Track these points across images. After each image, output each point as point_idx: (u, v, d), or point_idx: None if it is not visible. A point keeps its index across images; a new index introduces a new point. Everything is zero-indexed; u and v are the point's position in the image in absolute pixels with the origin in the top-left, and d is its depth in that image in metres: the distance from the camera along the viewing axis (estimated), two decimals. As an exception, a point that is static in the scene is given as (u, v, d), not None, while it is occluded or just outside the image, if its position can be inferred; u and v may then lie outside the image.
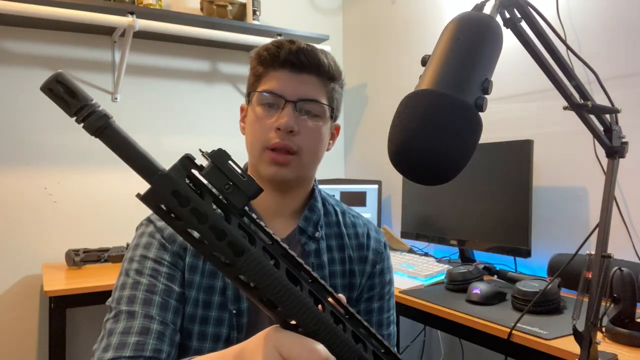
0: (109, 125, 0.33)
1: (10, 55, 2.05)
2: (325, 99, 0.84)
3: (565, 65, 0.67)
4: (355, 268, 0.90)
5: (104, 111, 0.33)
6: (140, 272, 0.78)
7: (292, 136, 0.80)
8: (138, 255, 0.80)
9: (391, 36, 2.51)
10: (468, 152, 0.49)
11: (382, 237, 0.97)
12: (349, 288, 0.90)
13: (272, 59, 0.81)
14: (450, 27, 0.54)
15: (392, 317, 0.96)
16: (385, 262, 0.95)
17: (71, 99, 0.32)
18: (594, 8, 1.61)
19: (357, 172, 2.78)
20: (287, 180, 0.82)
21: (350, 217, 0.95)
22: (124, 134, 0.34)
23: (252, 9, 2.34)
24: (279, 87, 0.81)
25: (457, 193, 1.86)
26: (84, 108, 0.32)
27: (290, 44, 0.81)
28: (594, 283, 0.70)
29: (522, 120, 1.84)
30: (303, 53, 0.80)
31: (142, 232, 0.83)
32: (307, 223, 0.88)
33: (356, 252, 0.91)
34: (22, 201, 2.06)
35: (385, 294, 0.94)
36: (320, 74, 0.83)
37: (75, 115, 0.33)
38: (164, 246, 0.80)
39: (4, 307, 2.02)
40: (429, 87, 0.50)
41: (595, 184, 1.60)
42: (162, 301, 0.75)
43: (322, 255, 0.87)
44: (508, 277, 1.59)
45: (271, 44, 0.83)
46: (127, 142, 0.33)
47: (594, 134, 0.73)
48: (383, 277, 0.94)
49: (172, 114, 2.38)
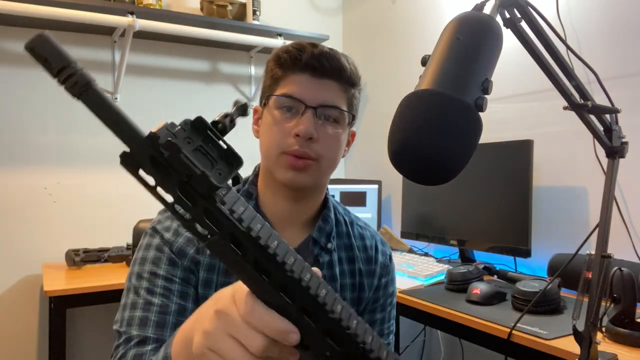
0: (91, 87, 0.32)
1: (10, 55, 2.05)
2: (345, 105, 0.81)
3: (565, 65, 0.67)
4: (364, 282, 0.89)
5: (86, 73, 0.32)
6: (152, 292, 0.74)
7: (311, 143, 0.77)
8: (147, 272, 0.76)
9: (391, 36, 2.51)
10: (468, 152, 0.49)
11: (388, 249, 0.96)
12: (358, 302, 0.89)
13: (293, 62, 0.78)
14: (450, 27, 0.54)
15: (392, 327, 0.96)
16: (391, 274, 0.95)
17: (54, 59, 0.31)
18: (594, 8, 1.61)
19: (357, 172, 2.78)
20: (304, 187, 0.80)
21: (358, 229, 0.93)
22: (106, 98, 0.33)
23: (252, 9, 2.34)
24: (299, 92, 0.78)
25: (457, 193, 1.86)
26: (66, 68, 0.31)
27: (313, 47, 0.78)
28: (594, 283, 0.70)
29: (522, 120, 1.84)
30: (325, 57, 0.78)
31: (148, 244, 0.79)
32: (321, 234, 0.85)
33: (365, 265, 0.90)
34: (22, 201, 2.06)
35: (388, 305, 0.94)
36: (342, 79, 0.80)
37: (57, 76, 0.32)
38: (174, 262, 0.76)
39: (4, 307, 2.02)
40: (429, 87, 0.50)
41: (595, 184, 1.60)
42: (176, 322, 0.72)
43: (334, 268, 0.85)
44: (508, 277, 1.59)
45: (292, 46, 0.80)
46: (108, 105, 0.33)
47: (594, 134, 0.73)
48: (387, 290, 0.93)
49: (172, 114, 2.38)
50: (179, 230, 0.78)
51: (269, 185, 0.83)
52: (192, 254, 0.78)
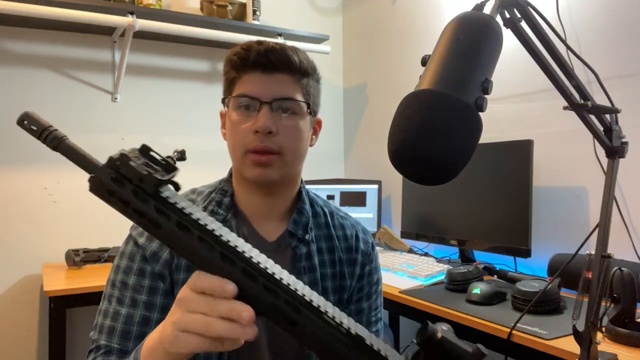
0: (63, 141, 0.47)
1: (10, 55, 2.05)
2: (300, 95, 0.83)
3: (565, 65, 0.67)
4: (345, 270, 0.91)
5: (59, 133, 0.47)
6: (121, 302, 0.79)
7: (272, 137, 0.80)
8: (119, 281, 0.80)
9: (391, 36, 2.51)
10: (468, 152, 0.49)
11: (370, 237, 0.98)
12: (340, 290, 0.90)
13: (242, 62, 0.81)
14: (450, 27, 0.54)
15: (380, 314, 0.97)
16: (374, 262, 0.96)
17: (35, 128, 0.46)
18: (594, 8, 1.61)
19: (357, 172, 2.78)
20: (272, 181, 0.82)
21: (338, 219, 0.95)
22: (75, 147, 0.47)
23: (252, 9, 2.34)
24: (252, 90, 0.81)
25: (457, 193, 1.86)
26: (44, 131, 0.46)
27: (258, 45, 0.81)
28: (594, 283, 0.70)
29: (522, 120, 1.84)
30: (272, 53, 0.80)
31: (122, 251, 0.83)
32: (297, 226, 0.87)
33: (345, 254, 0.92)
34: (22, 201, 2.06)
35: (373, 293, 0.95)
36: (292, 71, 0.82)
37: (39, 137, 0.46)
38: (143, 271, 0.80)
39: (4, 307, 2.02)
40: (429, 87, 0.50)
41: (595, 184, 1.60)
42: (140, 333, 0.76)
43: (313, 258, 0.87)
44: (508, 277, 1.59)
45: (240, 47, 0.83)
46: (76, 151, 0.47)
47: (594, 134, 0.73)
48: (371, 278, 0.95)
49: (172, 114, 2.38)
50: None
51: (241, 183, 0.86)
52: (166, 257, 0.80)
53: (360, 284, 0.93)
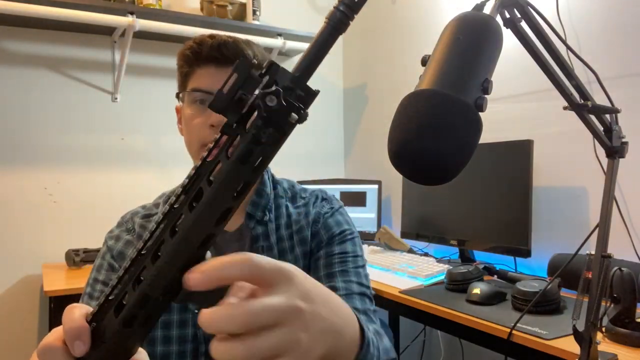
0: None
1: (10, 55, 2.05)
2: None
3: (565, 65, 0.67)
4: (307, 234, 0.87)
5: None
6: (92, 296, 0.81)
7: None
8: (92, 279, 0.83)
9: (391, 36, 2.51)
10: (468, 152, 0.49)
11: (333, 201, 0.92)
12: (303, 256, 0.86)
13: (195, 56, 0.81)
14: (450, 27, 0.54)
15: (363, 288, 0.84)
16: (334, 217, 0.89)
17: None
18: (594, 8, 1.61)
19: (357, 172, 2.78)
20: None
21: (300, 193, 0.92)
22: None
23: (252, 9, 2.34)
24: (206, 84, 0.81)
25: (457, 193, 1.86)
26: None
27: (211, 38, 0.81)
28: (594, 283, 0.70)
29: (522, 120, 1.84)
30: (225, 46, 0.80)
31: (98, 254, 0.87)
32: (255, 208, 0.86)
33: (304, 219, 0.88)
34: (22, 201, 2.06)
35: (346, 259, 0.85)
36: None
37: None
38: (113, 267, 0.83)
39: (4, 307, 2.02)
40: (428, 87, 0.50)
41: (595, 184, 1.60)
42: None
43: (270, 237, 0.85)
44: (508, 277, 1.59)
45: (192, 41, 0.82)
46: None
47: (594, 134, 0.73)
48: (327, 224, 0.88)
49: (172, 114, 2.36)
50: (119, 235, 0.87)
51: None
52: (131, 255, 0.80)
53: (327, 250, 0.86)
